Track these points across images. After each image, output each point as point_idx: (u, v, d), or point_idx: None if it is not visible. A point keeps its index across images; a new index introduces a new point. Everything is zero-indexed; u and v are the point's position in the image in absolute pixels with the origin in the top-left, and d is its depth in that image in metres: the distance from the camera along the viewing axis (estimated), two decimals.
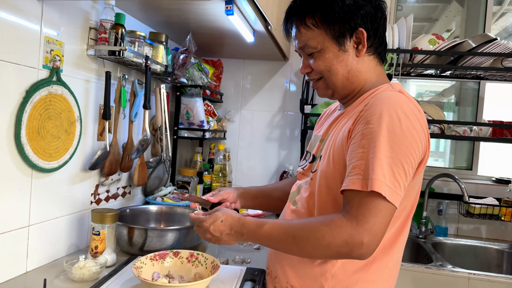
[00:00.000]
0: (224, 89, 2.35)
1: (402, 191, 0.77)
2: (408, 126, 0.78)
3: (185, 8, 1.46)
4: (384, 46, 0.96)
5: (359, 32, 0.89)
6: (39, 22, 1.12)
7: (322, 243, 0.78)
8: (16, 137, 1.05)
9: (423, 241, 1.92)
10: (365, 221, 0.75)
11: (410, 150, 0.78)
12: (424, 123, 0.84)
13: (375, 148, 0.77)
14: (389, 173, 0.76)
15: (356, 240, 0.75)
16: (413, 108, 0.82)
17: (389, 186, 0.75)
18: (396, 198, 0.76)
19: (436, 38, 1.76)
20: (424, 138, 0.82)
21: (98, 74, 1.39)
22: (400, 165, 0.77)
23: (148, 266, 1.07)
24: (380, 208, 0.75)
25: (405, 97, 0.84)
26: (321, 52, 0.91)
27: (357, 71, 0.92)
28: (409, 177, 0.79)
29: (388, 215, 0.76)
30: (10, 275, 1.09)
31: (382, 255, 0.88)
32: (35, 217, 1.16)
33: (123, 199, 1.64)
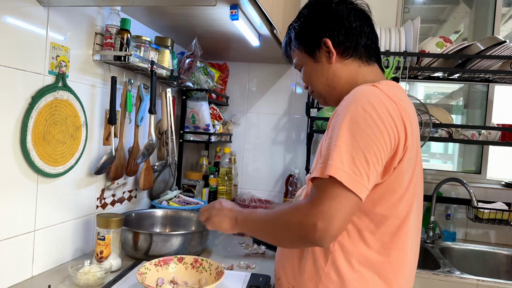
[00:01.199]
0: (230, 92, 2.34)
1: (365, 180, 0.76)
2: (372, 116, 0.79)
3: (191, 13, 1.46)
4: (365, 45, 0.97)
5: (324, 42, 0.96)
6: (45, 28, 1.12)
7: (283, 223, 0.82)
8: (22, 143, 1.06)
9: (431, 246, 1.90)
10: (320, 203, 0.75)
11: (374, 140, 0.77)
12: (399, 114, 0.82)
13: (337, 136, 0.79)
14: (348, 160, 0.76)
15: (310, 221, 0.75)
16: (383, 99, 0.82)
17: (347, 173, 0.75)
18: (357, 185, 0.75)
19: (444, 41, 1.74)
20: (395, 129, 0.80)
21: (104, 79, 1.40)
22: (361, 154, 0.76)
23: (152, 272, 1.06)
24: (337, 194, 0.75)
25: (378, 90, 0.84)
26: (303, 67, 1.03)
27: (335, 77, 0.97)
28: (373, 168, 0.77)
29: (347, 203, 0.75)
30: (16, 280, 1.09)
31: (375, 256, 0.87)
32: (41, 222, 1.16)
33: (129, 203, 1.65)
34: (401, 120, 0.82)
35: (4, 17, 0.99)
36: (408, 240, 0.89)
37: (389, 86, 0.89)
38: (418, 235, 0.97)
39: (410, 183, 0.87)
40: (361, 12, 0.99)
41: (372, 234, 0.86)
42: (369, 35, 0.99)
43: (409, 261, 0.91)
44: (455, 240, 2.03)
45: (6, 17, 1.00)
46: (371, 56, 0.98)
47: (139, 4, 1.31)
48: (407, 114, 0.84)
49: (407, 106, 0.87)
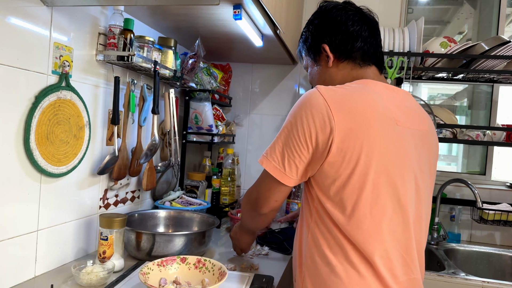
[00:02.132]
0: (233, 93, 2.34)
1: (280, 165, 0.95)
2: (295, 115, 0.93)
3: (194, 13, 1.46)
4: (359, 50, 1.04)
5: (322, 48, 1.07)
6: (49, 28, 1.12)
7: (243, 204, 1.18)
8: (25, 143, 1.06)
9: (435, 247, 1.88)
10: (257, 182, 1.08)
11: (290, 135, 0.93)
12: (326, 113, 0.89)
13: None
14: (271, 149, 0.97)
15: (251, 195, 1.10)
16: (310, 98, 0.93)
17: (267, 158, 0.97)
18: (273, 170, 0.96)
19: (448, 41, 1.73)
20: (315, 127, 0.90)
21: (107, 79, 1.40)
22: (281, 145, 0.95)
23: (155, 272, 1.06)
24: (264, 175, 1.01)
25: (313, 91, 0.94)
26: (308, 70, 1.16)
27: (330, 79, 1.07)
28: (289, 158, 0.94)
29: (268, 182, 0.99)
30: (19, 280, 1.09)
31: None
32: (44, 222, 1.16)
33: (132, 203, 1.64)
34: (327, 117, 0.89)
35: (8, 17, 0.99)
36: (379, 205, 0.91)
37: (342, 86, 0.96)
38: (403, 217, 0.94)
39: (351, 175, 0.89)
40: (362, 17, 1.05)
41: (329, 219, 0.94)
42: (367, 39, 1.05)
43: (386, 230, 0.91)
44: (459, 241, 2.01)
45: (10, 17, 1.00)
46: (365, 59, 1.05)
47: (142, 4, 1.31)
48: (344, 108, 0.90)
49: (350, 101, 0.91)
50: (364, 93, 0.95)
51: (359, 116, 0.90)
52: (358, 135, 0.89)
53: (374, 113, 0.91)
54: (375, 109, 0.92)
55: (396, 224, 0.92)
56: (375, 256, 0.89)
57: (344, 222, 0.90)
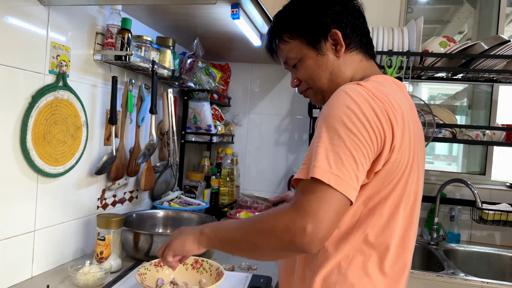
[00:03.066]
0: (232, 93, 2.34)
1: (354, 180, 0.72)
2: (358, 115, 0.75)
3: (192, 13, 1.46)
4: (367, 39, 0.95)
5: (333, 33, 0.89)
6: (46, 28, 1.12)
7: (265, 229, 0.75)
8: (21, 142, 1.05)
9: (435, 247, 1.88)
10: (309, 205, 0.70)
11: (361, 138, 0.74)
12: (385, 112, 0.77)
13: (320, 137, 0.75)
14: (336, 161, 0.72)
15: (298, 224, 0.69)
16: (367, 97, 0.77)
17: (335, 174, 0.71)
18: (345, 186, 0.71)
19: (447, 41, 1.73)
20: (381, 128, 0.76)
21: (105, 79, 1.39)
22: (349, 153, 0.72)
23: (152, 273, 1.05)
24: (327, 195, 0.70)
25: (361, 87, 0.79)
26: (301, 61, 0.93)
27: (340, 71, 0.91)
28: (362, 168, 0.74)
29: (336, 203, 0.71)
30: (16, 280, 1.09)
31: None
32: (41, 222, 1.16)
33: (130, 203, 1.64)
34: (387, 118, 0.77)
35: (5, 17, 0.99)
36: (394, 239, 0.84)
37: (377, 83, 0.84)
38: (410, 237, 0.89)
39: (397, 185, 0.82)
40: (360, 9, 0.96)
41: (355, 234, 0.82)
42: (368, 32, 0.97)
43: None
44: (459, 242, 2.01)
45: (7, 16, 1.00)
46: (370, 51, 0.96)
47: (140, 3, 1.31)
48: (397, 112, 0.79)
49: (398, 103, 0.81)
50: (398, 94, 0.86)
51: (403, 120, 0.81)
52: (405, 142, 0.80)
53: (408, 117, 0.84)
54: (407, 112, 0.84)
55: (414, 236, 0.89)
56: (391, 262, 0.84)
57: (373, 233, 0.82)
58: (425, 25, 2.66)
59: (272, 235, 0.73)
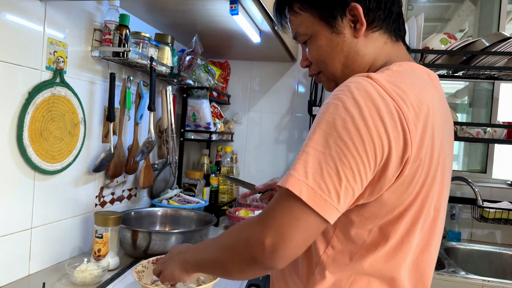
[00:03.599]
0: (232, 90, 2.33)
1: (333, 197, 0.60)
2: (355, 119, 0.61)
3: (191, 9, 1.45)
4: (397, 17, 0.78)
5: (353, 8, 0.73)
6: (42, 23, 1.11)
7: (230, 244, 0.67)
8: (18, 139, 1.04)
9: None
10: (272, 217, 0.61)
11: (351, 149, 0.61)
12: (397, 116, 0.63)
13: (308, 140, 0.63)
14: (315, 171, 0.60)
15: (257, 238, 0.61)
16: (374, 96, 0.63)
17: (310, 187, 0.60)
18: (321, 204, 0.59)
19: (448, 38, 1.71)
20: (385, 137, 0.62)
21: (103, 76, 1.38)
22: (333, 165, 0.60)
23: (149, 270, 1.04)
24: (295, 209, 0.60)
25: (371, 82, 0.65)
26: (314, 39, 0.78)
27: (358, 56, 0.76)
28: (347, 184, 0.61)
29: (305, 222, 0.60)
30: (13, 278, 1.08)
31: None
32: (38, 220, 1.15)
33: (128, 201, 1.63)
34: (399, 122, 0.63)
35: (1, 12, 0.98)
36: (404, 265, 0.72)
37: (397, 73, 0.69)
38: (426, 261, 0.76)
39: (415, 199, 0.69)
40: None
41: (360, 258, 0.71)
42: (401, 5, 0.80)
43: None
44: (460, 240, 1.99)
45: (3, 12, 0.99)
46: (400, 31, 0.79)
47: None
48: (418, 113, 0.65)
49: (422, 100, 0.66)
50: (425, 87, 0.70)
51: (426, 123, 0.66)
52: (427, 150, 0.66)
53: (436, 117, 0.69)
54: (435, 110, 0.69)
55: (432, 259, 0.77)
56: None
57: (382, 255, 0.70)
58: (425, 23, 2.65)
59: (234, 250, 0.66)
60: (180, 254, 0.84)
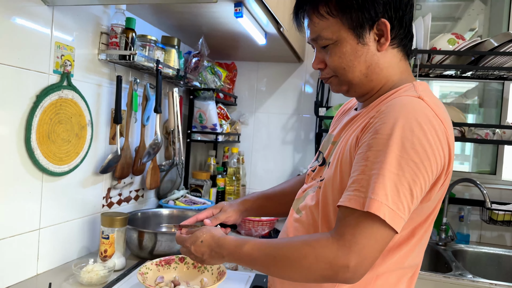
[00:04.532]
0: (238, 92, 2.33)
1: (406, 214, 0.69)
2: (421, 141, 0.69)
3: (196, 12, 1.46)
4: (411, 38, 0.85)
5: (381, 23, 0.78)
6: (50, 28, 1.13)
7: (303, 264, 0.71)
8: (26, 141, 1.07)
9: (443, 248, 1.85)
10: (354, 242, 0.67)
11: (421, 169, 0.69)
12: (445, 135, 0.73)
13: (380, 163, 0.68)
14: (393, 193, 0.67)
15: (341, 262, 0.67)
16: (432, 119, 0.71)
17: (391, 208, 0.67)
18: (398, 221, 0.67)
19: (456, 38, 1.70)
20: (442, 154, 0.72)
21: (110, 78, 1.40)
22: (407, 185, 0.68)
23: (153, 272, 1.06)
24: (374, 231, 0.67)
25: (425, 105, 0.73)
26: (337, 45, 0.81)
27: (378, 68, 0.81)
28: (416, 200, 0.70)
29: (383, 240, 0.68)
30: (21, 278, 1.10)
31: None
32: (46, 220, 1.17)
33: (136, 202, 1.65)
34: (447, 141, 0.73)
35: (8, 17, 1.00)
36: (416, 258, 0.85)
37: (431, 96, 0.78)
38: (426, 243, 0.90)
39: (438, 203, 0.81)
40: (412, 2, 0.84)
41: (383, 261, 0.79)
42: (412, 29, 0.87)
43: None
44: (468, 242, 1.97)
45: (11, 17, 1.01)
46: (410, 51, 0.87)
47: (142, 2, 1.31)
48: (450, 130, 0.76)
49: (448, 118, 0.77)
50: (445, 109, 0.81)
51: (453, 137, 0.78)
52: (449, 163, 0.76)
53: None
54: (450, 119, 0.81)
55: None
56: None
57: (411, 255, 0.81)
58: (434, 22, 2.62)
59: (312, 271, 0.71)
60: (220, 255, 0.86)
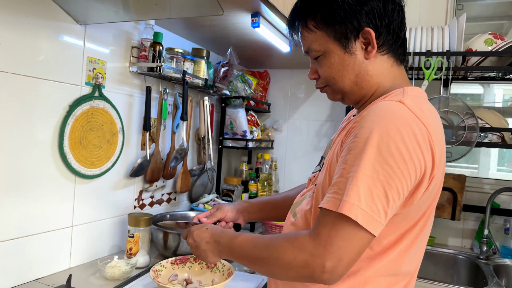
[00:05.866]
0: (272, 99, 2.37)
1: (382, 217, 0.68)
2: (398, 145, 0.68)
3: (220, 24, 1.53)
4: (402, 42, 0.85)
5: (366, 32, 0.80)
6: (82, 44, 1.25)
7: (283, 261, 0.73)
8: (59, 147, 1.19)
9: (485, 262, 1.72)
10: (329, 242, 0.68)
11: (397, 172, 0.68)
12: (427, 140, 0.72)
13: (356, 166, 0.69)
14: (366, 195, 0.67)
15: (317, 262, 0.68)
16: (411, 123, 0.71)
17: (364, 210, 0.67)
18: (373, 224, 0.67)
19: (494, 38, 1.60)
20: (421, 159, 0.70)
21: (141, 89, 1.51)
22: (382, 188, 0.68)
23: (168, 270, 1.12)
24: (350, 233, 0.67)
25: (405, 109, 0.72)
26: (326, 56, 0.84)
27: (367, 75, 0.83)
28: (393, 204, 0.69)
29: (359, 242, 0.68)
30: (56, 269, 1.22)
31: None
32: (78, 219, 1.29)
33: (168, 204, 1.74)
34: (429, 146, 0.72)
35: (43, 35, 1.13)
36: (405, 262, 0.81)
37: (416, 100, 0.76)
38: (423, 251, 0.88)
39: (428, 209, 0.80)
40: (400, 3, 0.84)
41: (370, 265, 0.78)
42: (405, 28, 0.86)
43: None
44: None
45: (45, 35, 1.14)
46: (404, 55, 0.87)
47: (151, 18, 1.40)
48: (436, 135, 0.74)
49: (434, 123, 0.75)
50: (433, 110, 0.80)
51: (441, 143, 0.76)
52: (441, 167, 0.76)
53: (442, 135, 0.79)
54: (441, 129, 0.79)
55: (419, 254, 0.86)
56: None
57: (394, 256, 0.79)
58: (487, 22, 2.46)
59: (291, 268, 0.72)
60: (218, 242, 0.89)
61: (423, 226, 0.81)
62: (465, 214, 1.95)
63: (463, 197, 1.83)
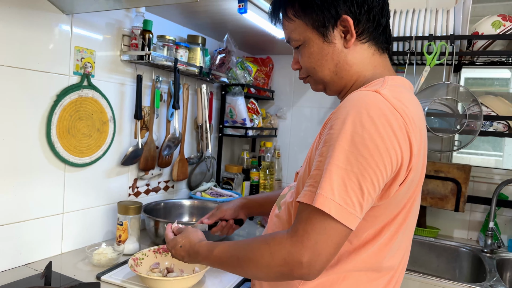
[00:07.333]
0: (276, 86, 2.33)
1: (357, 209, 0.67)
2: (372, 136, 0.66)
3: (214, 9, 1.50)
4: (384, 30, 0.83)
5: (344, 20, 0.79)
6: (69, 34, 1.26)
7: (262, 263, 0.72)
8: (47, 136, 1.21)
9: (489, 256, 1.66)
10: (306, 237, 0.67)
11: (371, 164, 0.66)
12: (404, 130, 0.70)
13: (330, 158, 0.68)
14: (340, 188, 0.66)
15: (295, 258, 0.67)
16: (387, 113, 0.69)
17: (337, 203, 0.65)
18: (347, 217, 0.66)
19: (503, 20, 1.50)
20: (398, 150, 0.68)
21: (133, 78, 1.51)
22: (356, 180, 0.66)
23: (150, 258, 1.13)
24: (326, 226, 0.66)
25: (381, 98, 0.70)
26: (305, 46, 0.83)
27: (347, 64, 0.82)
28: (368, 196, 0.67)
29: (336, 235, 0.66)
30: (47, 254, 1.26)
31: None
32: (70, 206, 1.31)
33: (165, 192, 1.76)
34: (407, 136, 0.70)
35: (29, 26, 1.14)
36: (388, 253, 0.80)
37: (394, 89, 0.74)
38: (408, 246, 0.88)
39: (408, 201, 0.78)
40: None
41: (349, 259, 0.78)
42: (389, 17, 0.85)
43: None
44: None
45: (31, 26, 1.14)
46: (387, 43, 0.85)
47: (144, 5, 1.38)
48: (415, 126, 0.72)
49: (412, 113, 0.73)
50: (414, 100, 0.78)
51: (420, 133, 0.75)
52: (421, 158, 0.75)
53: (422, 125, 0.78)
54: (421, 119, 0.78)
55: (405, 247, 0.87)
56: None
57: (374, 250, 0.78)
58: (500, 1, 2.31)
59: (270, 269, 0.71)
60: (197, 260, 0.90)
61: (404, 219, 0.80)
62: (472, 206, 1.88)
63: (468, 187, 1.75)
